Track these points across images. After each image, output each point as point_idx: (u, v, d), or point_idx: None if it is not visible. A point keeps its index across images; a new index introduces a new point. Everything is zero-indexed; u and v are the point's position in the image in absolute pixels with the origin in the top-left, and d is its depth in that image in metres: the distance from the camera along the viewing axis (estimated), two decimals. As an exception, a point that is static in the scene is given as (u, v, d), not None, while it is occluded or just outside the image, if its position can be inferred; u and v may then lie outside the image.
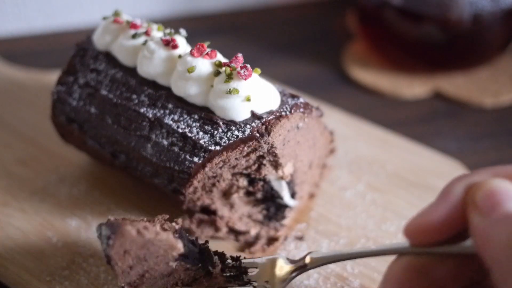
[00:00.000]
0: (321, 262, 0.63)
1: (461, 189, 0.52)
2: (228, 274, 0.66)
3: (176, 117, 0.69)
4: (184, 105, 0.70)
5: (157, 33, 0.75)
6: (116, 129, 0.73)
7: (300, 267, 0.64)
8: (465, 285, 0.54)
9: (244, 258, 0.67)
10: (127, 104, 0.73)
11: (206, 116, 0.68)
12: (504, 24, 1.03)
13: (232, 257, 0.67)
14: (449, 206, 0.51)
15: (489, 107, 1.01)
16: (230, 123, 0.67)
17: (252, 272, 0.66)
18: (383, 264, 0.72)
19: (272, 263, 0.65)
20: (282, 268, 0.65)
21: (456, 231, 0.52)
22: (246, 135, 0.66)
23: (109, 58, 0.77)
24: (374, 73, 1.08)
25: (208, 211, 0.75)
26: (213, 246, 0.74)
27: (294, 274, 0.64)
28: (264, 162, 0.70)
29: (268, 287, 0.65)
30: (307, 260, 0.63)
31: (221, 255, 0.67)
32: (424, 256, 0.54)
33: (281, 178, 0.72)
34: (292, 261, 0.65)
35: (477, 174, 0.53)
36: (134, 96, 0.72)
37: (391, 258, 0.73)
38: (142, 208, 0.79)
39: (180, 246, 0.63)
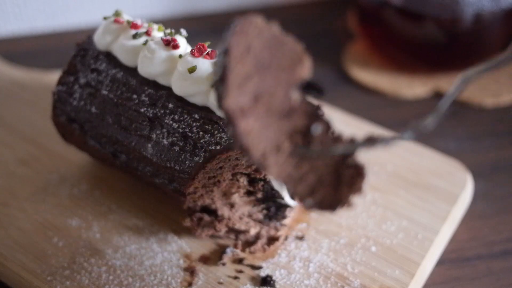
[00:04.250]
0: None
1: None
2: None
3: (176, 117, 0.70)
4: (185, 105, 0.70)
5: (158, 33, 0.76)
6: (116, 129, 0.74)
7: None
8: None
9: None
10: (128, 104, 0.73)
11: (207, 116, 0.68)
12: (504, 24, 1.03)
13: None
14: None
15: (490, 107, 1.01)
16: (230, 123, 0.67)
17: None
18: (383, 263, 0.72)
19: None
20: None
21: None
22: (247, 135, 0.66)
23: (109, 58, 0.77)
24: (375, 73, 1.08)
25: (208, 210, 0.75)
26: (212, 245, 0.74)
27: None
28: (265, 162, 0.70)
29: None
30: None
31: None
32: None
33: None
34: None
35: None
36: (135, 96, 0.73)
37: (392, 259, 0.73)
38: (143, 208, 0.79)
39: (308, 63, 0.52)
